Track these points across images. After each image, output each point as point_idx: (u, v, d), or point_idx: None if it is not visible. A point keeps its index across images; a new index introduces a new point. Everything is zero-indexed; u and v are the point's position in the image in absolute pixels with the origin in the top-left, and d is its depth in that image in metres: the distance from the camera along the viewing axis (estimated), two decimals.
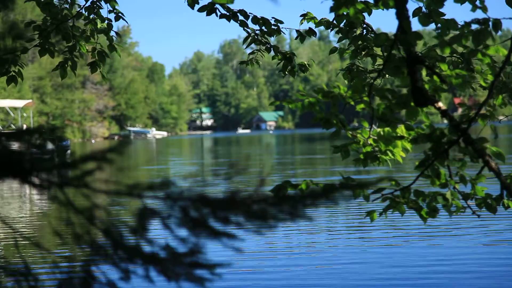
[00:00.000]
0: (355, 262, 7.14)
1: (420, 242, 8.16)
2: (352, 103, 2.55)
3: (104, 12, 4.28)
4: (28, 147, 1.72)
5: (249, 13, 3.48)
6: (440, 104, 2.44)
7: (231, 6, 3.42)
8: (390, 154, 2.46)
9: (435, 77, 2.50)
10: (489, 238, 8.33)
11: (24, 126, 40.96)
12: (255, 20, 3.54)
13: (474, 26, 2.46)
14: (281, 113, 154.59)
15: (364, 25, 2.81)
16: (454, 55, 2.56)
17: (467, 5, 2.51)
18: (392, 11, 2.49)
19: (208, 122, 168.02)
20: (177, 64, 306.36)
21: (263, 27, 3.55)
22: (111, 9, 4.25)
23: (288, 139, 65.06)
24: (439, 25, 2.53)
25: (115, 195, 1.60)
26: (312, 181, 2.49)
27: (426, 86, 2.48)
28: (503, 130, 56.67)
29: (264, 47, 3.66)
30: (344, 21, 2.77)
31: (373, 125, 2.49)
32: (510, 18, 2.64)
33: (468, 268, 6.71)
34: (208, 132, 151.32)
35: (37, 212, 13.82)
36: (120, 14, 4.25)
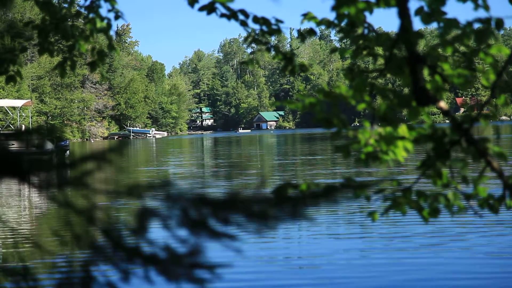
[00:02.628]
0: (356, 276, 6.98)
1: (425, 252, 8.00)
2: (354, 103, 2.53)
3: (103, 11, 4.27)
4: (27, 147, 1.71)
5: (250, 12, 3.46)
6: (442, 103, 2.43)
7: (231, 5, 3.40)
8: (391, 154, 2.44)
9: (436, 77, 2.49)
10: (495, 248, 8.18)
11: (23, 126, 41.02)
12: (256, 19, 3.51)
13: (476, 25, 2.45)
14: (281, 112, 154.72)
15: (366, 24, 2.79)
16: (456, 54, 2.55)
17: (469, 4, 2.51)
18: (394, 10, 2.48)
19: (208, 122, 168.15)
20: (177, 63, 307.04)
21: (264, 27, 3.53)
22: (111, 8, 4.23)
23: (289, 139, 65.06)
24: (441, 24, 2.52)
25: (114, 195, 1.59)
26: (313, 182, 2.48)
27: (428, 86, 2.46)
28: (506, 130, 56.64)
29: (264, 47, 3.64)
30: (345, 20, 2.75)
31: (375, 125, 2.48)
32: None
33: (475, 282, 6.61)
34: (208, 132, 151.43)
35: (36, 212, 13.82)
36: (119, 13, 4.23)
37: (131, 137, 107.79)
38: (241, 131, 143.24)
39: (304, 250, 8.36)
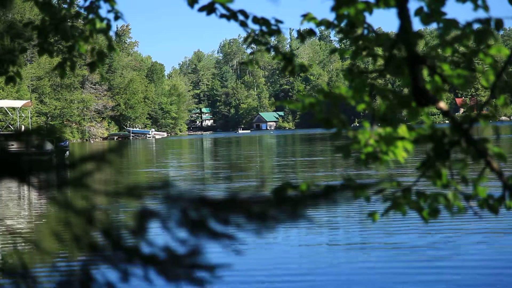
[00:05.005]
0: (358, 282, 6.89)
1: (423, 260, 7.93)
2: (353, 103, 2.53)
3: (103, 12, 4.27)
4: (26, 147, 1.71)
5: (249, 13, 3.46)
6: (442, 104, 2.43)
7: (231, 5, 3.40)
8: (391, 154, 2.44)
9: (436, 77, 2.49)
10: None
11: (23, 127, 41.00)
12: (255, 20, 3.51)
13: (476, 26, 2.45)
14: (281, 113, 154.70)
15: (365, 25, 2.79)
16: (456, 54, 2.55)
17: (469, 4, 2.51)
18: (393, 11, 2.48)
19: (208, 122, 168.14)
20: (176, 64, 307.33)
21: (263, 27, 3.53)
22: (110, 8, 4.23)
23: (289, 140, 65.02)
24: (440, 24, 2.52)
25: (114, 196, 1.59)
26: (313, 183, 2.48)
27: (428, 86, 2.46)
28: (505, 130, 56.57)
29: (264, 48, 3.64)
30: (345, 21, 2.75)
31: (374, 125, 2.48)
32: None
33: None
34: (208, 132, 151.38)
35: (36, 213, 13.81)
36: (119, 14, 4.22)
37: (131, 137, 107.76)
38: (241, 131, 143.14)
39: (305, 252, 8.36)
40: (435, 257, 7.65)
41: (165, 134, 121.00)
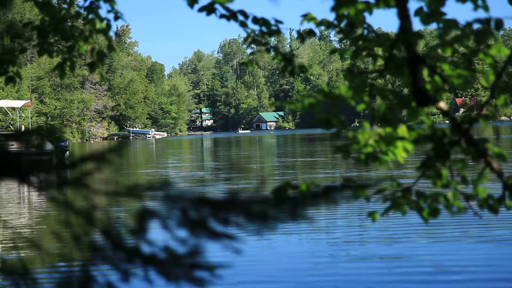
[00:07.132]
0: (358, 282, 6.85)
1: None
2: (353, 103, 2.53)
3: (102, 12, 4.27)
4: (26, 147, 1.71)
5: (249, 13, 3.46)
6: (442, 104, 2.43)
7: (231, 6, 3.40)
8: (391, 155, 2.44)
9: (436, 77, 2.49)
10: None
11: (23, 127, 40.99)
12: (255, 20, 3.52)
13: (476, 26, 2.46)
14: (281, 113, 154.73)
15: (365, 25, 2.79)
16: (456, 55, 2.55)
17: (469, 5, 2.51)
18: (393, 11, 2.48)
19: (208, 122, 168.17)
20: (176, 64, 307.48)
21: (263, 28, 3.53)
22: (110, 8, 4.23)
23: (289, 140, 64.99)
24: (440, 24, 2.52)
25: (114, 196, 1.59)
26: (313, 182, 2.48)
27: (428, 86, 2.46)
28: (505, 131, 56.55)
29: (264, 48, 3.64)
30: (345, 21, 2.75)
31: (374, 125, 2.48)
32: None
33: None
34: (208, 132, 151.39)
35: (36, 213, 13.81)
36: (119, 14, 4.23)
37: (131, 137, 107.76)
38: (241, 131, 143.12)
39: (305, 253, 8.36)
40: (437, 263, 7.64)
41: (165, 134, 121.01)
